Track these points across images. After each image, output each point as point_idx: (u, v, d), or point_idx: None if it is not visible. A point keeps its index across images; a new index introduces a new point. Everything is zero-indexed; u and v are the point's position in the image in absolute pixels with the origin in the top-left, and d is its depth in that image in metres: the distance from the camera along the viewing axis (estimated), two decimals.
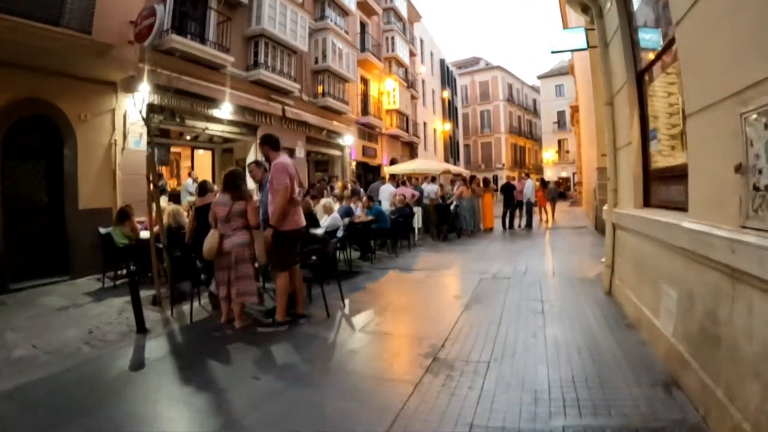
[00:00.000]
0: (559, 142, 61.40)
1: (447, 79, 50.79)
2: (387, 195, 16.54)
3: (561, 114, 59.44)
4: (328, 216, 11.02)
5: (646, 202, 6.09)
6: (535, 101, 71.53)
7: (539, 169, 63.34)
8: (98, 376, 5.00)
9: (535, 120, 70.95)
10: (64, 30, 9.65)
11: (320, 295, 7.52)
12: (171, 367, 5.29)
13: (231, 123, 17.58)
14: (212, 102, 16.12)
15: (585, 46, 9.72)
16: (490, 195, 19.24)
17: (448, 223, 16.38)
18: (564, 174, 59.28)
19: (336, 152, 25.98)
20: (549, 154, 61.34)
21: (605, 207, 8.29)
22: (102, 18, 10.59)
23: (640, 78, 6.15)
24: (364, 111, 28.73)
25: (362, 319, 7.07)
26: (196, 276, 7.69)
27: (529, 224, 19.27)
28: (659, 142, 5.72)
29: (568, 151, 59.21)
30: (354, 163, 26.87)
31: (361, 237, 12.00)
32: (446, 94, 49.04)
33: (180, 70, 14.04)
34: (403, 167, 24.58)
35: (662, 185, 5.55)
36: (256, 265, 7.32)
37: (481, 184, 19.13)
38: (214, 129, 17.17)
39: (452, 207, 16.86)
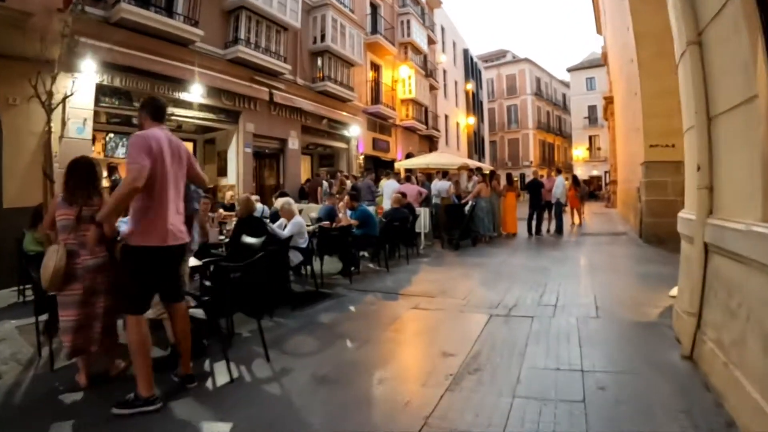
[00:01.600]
0: (590, 138, 58.40)
1: (471, 70, 47.83)
2: (391, 193, 13.86)
3: (592, 109, 56.84)
4: (288, 221, 8.30)
5: None
6: (564, 96, 68.54)
7: (569, 168, 60.37)
8: None
9: (565, 116, 68.08)
10: None
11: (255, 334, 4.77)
12: None
13: (205, 108, 15.44)
14: (178, 83, 14.06)
15: None
16: (514, 194, 16.33)
17: (462, 227, 13.52)
18: (595, 172, 56.36)
19: (340, 144, 23.35)
20: (579, 152, 58.27)
21: (681, 214, 5.63)
22: None
23: None
24: (375, 100, 25.97)
25: (279, 390, 4.34)
26: None
27: (559, 229, 16.38)
28: None
29: (599, 148, 56.18)
30: (362, 157, 24.13)
31: (337, 246, 9.30)
32: (470, 86, 46.09)
33: (139, 47, 12.49)
34: (417, 161, 21.80)
35: None
36: None
37: (503, 182, 16.20)
38: (183, 115, 14.93)
39: (467, 208, 14.04)
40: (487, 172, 16.57)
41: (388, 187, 14.39)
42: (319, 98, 20.44)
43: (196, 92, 14.42)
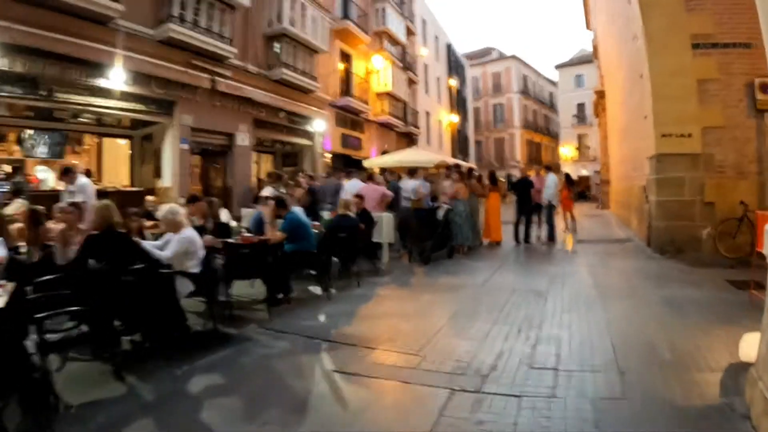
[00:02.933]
0: (579, 137, 56.57)
1: (455, 66, 45.55)
2: (369, 196, 11.59)
3: (581, 107, 55.11)
4: (175, 235, 5.89)
5: None
6: (551, 94, 66.60)
7: (557, 168, 58.27)
8: None
9: (552, 115, 66.10)
10: None
11: None
12: None
13: (131, 97, 12.99)
14: (96, 68, 11.81)
15: None
16: (497, 196, 13.88)
17: (434, 236, 11.07)
18: (584, 172, 54.31)
19: (303, 141, 20.81)
20: (567, 151, 56.29)
21: None
22: None
23: None
24: (346, 92, 23.47)
25: None
26: None
27: (551, 236, 13.92)
28: None
29: (588, 147, 54.21)
30: (329, 155, 21.61)
31: (254, 268, 6.86)
32: (453, 82, 43.73)
33: (46, 25, 10.40)
34: (388, 159, 19.27)
35: None
36: None
37: (486, 181, 13.75)
38: (103, 106, 12.51)
39: (440, 213, 11.63)
40: (466, 170, 14.10)
41: (352, 188, 11.97)
42: (275, 88, 17.92)
43: (118, 79, 12.04)
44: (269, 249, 7.20)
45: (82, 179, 9.79)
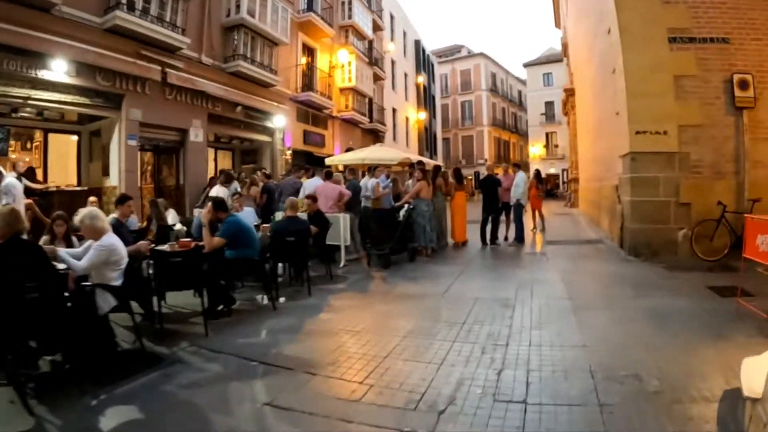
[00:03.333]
0: (547, 135, 56.49)
1: (423, 63, 44.95)
2: (326, 195, 10.81)
3: (549, 105, 55.04)
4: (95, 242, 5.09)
5: None
6: (520, 93, 66.61)
7: (525, 166, 58.13)
8: None
9: (521, 113, 66.24)
10: None
11: None
12: None
13: (75, 90, 12.04)
14: (36, 58, 11.00)
15: None
16: (463, 194, 13.21)
17: (395, 238, 10.34)
18: (552, 170, 54.37)
19: (263, 137, 19.89)
20: (536, 149, 56.20)
21: None
22: None
23: None
24: (308, 87, 22.59)
25: None
26: None
27: (519, 237, 13.23)
28: None
29: (557, 145, 54.22)
30: (289, 152, 20.72)
31: (189, 278, 6.06)
32: (421, 79, 43.11)
33: None
34: (351, 156, 18.42)
35: None
36: None
37: (451, 179, 13.05)
38: (44, 99, 11.58)
39: (401, 213, 10.91)
40: (432, 167, 13.37)
41: (311, 187, 11.19)
42: (231, 81, 16.98)
43: (60, 69, 11.18)
44: (205, 257, 6.39)
45: (8, 179, 8.79)
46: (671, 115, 9.71)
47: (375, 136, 30.06)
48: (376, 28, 31.40)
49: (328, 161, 17.84)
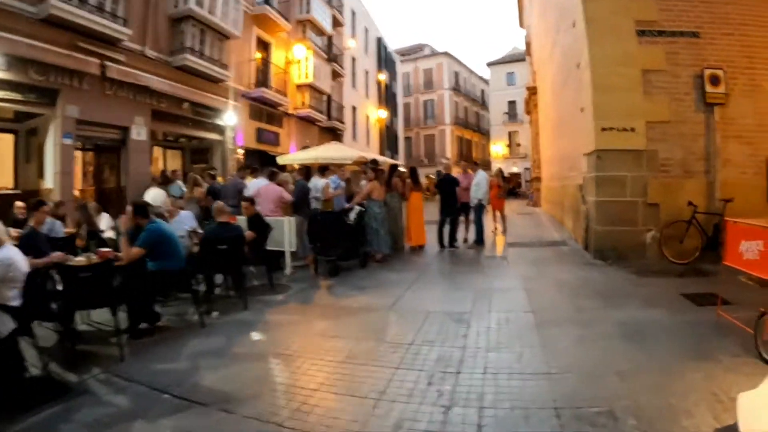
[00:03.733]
0: (510, 134, 56.64)
1: (385, 61, 44.23)
2: (267, 197, 10.02)
3: (512, 104, 55.33)
4: None
5: None
6: (483, 92, 66.48)
7: (487, 165, 57.98)
8: None
9: (483, 112, 65.92)
10: None
11: None
12: None
13: (5, 85, 11.10)
14: None
15: None
16: (419, 195, 12.44)
17: (344, 243, 9.55)
18: (515, 169, 54.39)
19: (212, 135, 18.85)
20: (498, 148, 56.18)
21: None
22: None
23: None
24: (263, 83, 21.64)
25: None
26: None
27: (479, 239, 12.50)
28: None
29: (519, 144, 54.22)
30: (241, 151, 19.74)
31: (95, 295, 5.23)
32: (383, 77, 42.37)
33: None
34: (305, 155, 17.49)
35: None
36: None
37: (408, 179, 12.31)
38: None
39: (351, 216, 10.12)
40: (388, 167, 12.62)
41: (254, 188, 10.36)
42: (178, 76, 15.93)
43: None
44: (119, 270, 5.53)
45: None
46: (639, 111, 9.14)
47: (333, 135, 29.12)
48: (336, 23, 30.57)
49: (279, 160, 16.96)
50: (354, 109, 35.19)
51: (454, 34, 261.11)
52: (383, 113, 40.84)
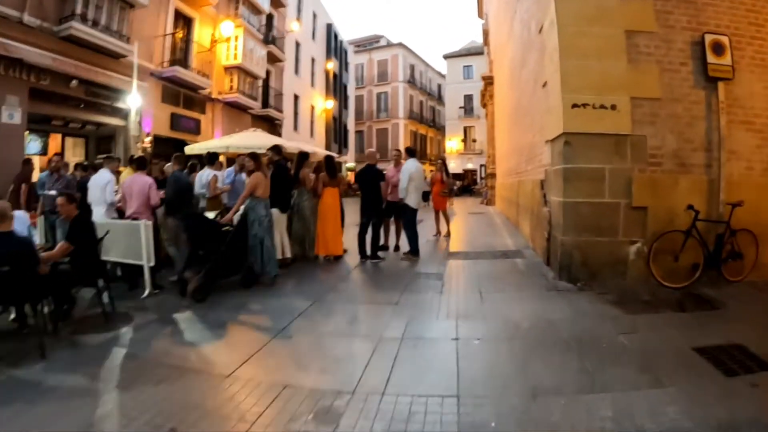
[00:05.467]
0: (465, 129, 55.12)
1: (335, 50, 41.64)
2: (132, 193, 7.51)
3: (468, 98, 53.60)
4: None
5: None
6: (440, 87, 64.46)
7: (441, 161, 55.98)
8: None
9: (439, 107, 64.07)
10: None
11: None
12: None
13: None
14: None
15: None
16: (335, 192, 9.62)
17: (217, 257, 6.91)
18: (470, 165, 52.99)
19: (112, 120, 16.02)
20: (453, 143, 54.53)
21: None
22: None
23: None
24: (184, 62, 18.83)
25: None
26: None
27: (413, 249, 9.72)
28: None
29: (475, 140, 52.54)
30: (148, 139, 16.89)
31: None
32: (332, 65, 39.72)
33: None
34: (214, 143, 14.56)
35: None
36: None
37: (323, 170, 9.65)
38: None
39: (234, 216, 7.49)
40: (295, 155, 9.96)
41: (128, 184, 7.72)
42: (64, 48, 13.14)
43: None
44: None
45: None
46: (622, 84, 6.78)
47: (270, 124, 26.32)
48: (277, 4, 28.08)
49: (187, 150, 14.15)
50: (296, 97, 32.48)
51: (412, 26, 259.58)
52: (330, 103, 38.21)
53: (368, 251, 9.45)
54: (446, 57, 57.50)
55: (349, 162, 44.22)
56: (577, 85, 6.81)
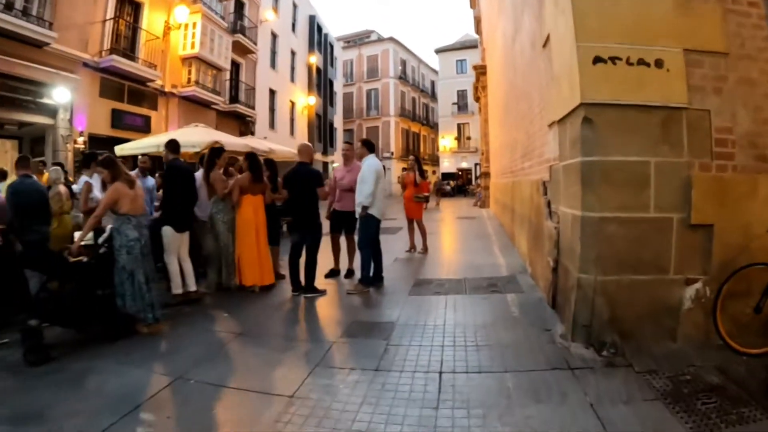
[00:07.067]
0: (459, 126, 52.57)
1: (319, 43, 39.30)
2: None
3: (462, 94, 51.12)
4: None
5: None
6: (433, 83, 62.03)
7: (435, 159, 54.18)
8: None
9: (432, 104, 61.83)
10: None
11: None
12: None
13: None
14: None
15: None
16: (259, 201, 7.04)
17: (61, 298, 4.65)
18: (464, 164, 50.99)
19: (38, 119, 13.61)
20: (447, 141, 52.28)
21: None
22: None
23: None
24: (126, 52, 16.35)
25: None
26: None
27: (364, 278, 7.02)
28: None
29: (469, 138, 50.63)
30: (81, 139, 14.45)
31: None
32: (314, 59, 37.28)
33: None
34: (147, 142, 12.14)
35: None
36: None
37: (245, 169, 7.11)
38: None
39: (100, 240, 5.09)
40: (206, 150, 7.51)
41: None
42: None
43: None
44: None
45: None
46: (668, 30, 4.29)
47: (241, 122, 23.83)
48: None
49: (118, 150, 11.70)
50: (273, 93, 30.00)
51: (405, 23, 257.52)
52: (312, 99, 35.77)
53: (298, 284, 6.85)
54: (438, 51, 55.03)
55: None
56: (600, 30, 4.29)
